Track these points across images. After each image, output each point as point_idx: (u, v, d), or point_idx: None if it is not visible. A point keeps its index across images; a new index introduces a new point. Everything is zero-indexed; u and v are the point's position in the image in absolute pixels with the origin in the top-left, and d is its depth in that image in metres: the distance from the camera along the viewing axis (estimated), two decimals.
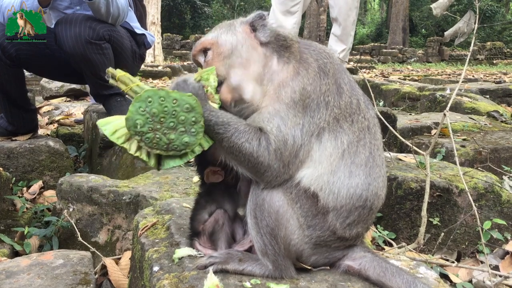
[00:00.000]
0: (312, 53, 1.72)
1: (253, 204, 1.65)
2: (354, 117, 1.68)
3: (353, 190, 1.63)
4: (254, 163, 1.58)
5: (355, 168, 1.65)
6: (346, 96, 1.68)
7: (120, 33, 3.77)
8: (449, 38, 3.04)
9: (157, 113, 1.52)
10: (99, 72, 3.66)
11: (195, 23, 36.05)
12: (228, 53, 1.69)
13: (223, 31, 1.74)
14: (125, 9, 3.72)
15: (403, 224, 2.93)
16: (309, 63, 1.67)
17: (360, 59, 25.36)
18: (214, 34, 1.75)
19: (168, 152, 1.58)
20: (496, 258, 2.75)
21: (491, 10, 36.11)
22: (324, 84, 1.65)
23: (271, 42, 1.71)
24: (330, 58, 1.73)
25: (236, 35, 1.71)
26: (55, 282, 2.00)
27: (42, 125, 5.23)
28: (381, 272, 1.66)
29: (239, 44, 1.69)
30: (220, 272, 1.64)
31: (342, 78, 1.72)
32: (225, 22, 1.82)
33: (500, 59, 29.54)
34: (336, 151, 1.63)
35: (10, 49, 3.55)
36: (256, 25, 1.72)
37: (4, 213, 3.25)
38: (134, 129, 1.53)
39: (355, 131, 1.67)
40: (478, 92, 7.70)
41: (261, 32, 1.71)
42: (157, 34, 17.92)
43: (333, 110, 1.64)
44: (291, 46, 1.71)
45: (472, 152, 3.91)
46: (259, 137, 1.58)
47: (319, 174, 1.62)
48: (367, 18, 52.17)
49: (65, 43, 3.49)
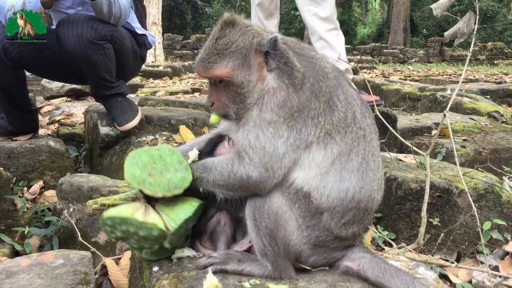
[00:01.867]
0: (309, 75, 1.71)
1: (252, 206, 1.67)
2: (348, 129, 1.71)
3: (343, 193, 1.67)
4: (236, 182, 1.67)
5: (346, 173, 1.68)
6: (340, 112, 1.71)
7: (121, 33, 3.77)
8: (449, 38, 3.04)
9: (148, 161, 1.72)
10: (101, 73, 3.66)
11: (196, 23, 36.04)
12: (241, 92, 1.71)
13: (238, 63, 1.68)
14: (127, 10, 3.72)
15: (403, 224, 2.93)
16: (303, 91, 1.68)
17: (361, 59, 25.34)
18: (229, 65, 1.68)
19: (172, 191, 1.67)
20: (496, 259, 2.75)
21: (492, 10, 36.06)
22: (313, 109, 1.67)
23: (278, 65, 1.70)
24: (327, 80, 1.72)
25: (251, 70, 1.70)
26: (55, 282, 2.00)
27: (43, 125, 5.22)
28: (380, 273, 1.67)
29: (253, 80, 1.70)
30: (219, 273, 1.65)
31: (338, 95, 1.73)
32: (237, 39, 1.69)
33: (501, 59, 29.50)
34: (326, 160, 1.67)
35: (12, 51, 3.55)
36: (270, 52, 1.68)
37: (4, 213, 3.26)
38: (135, 179, 1.69)
39: (348, 141, 1.71)
40: (478, 93, 7.70)
41: (274, 58, 1.68)
42: (158, 34, 17.90)
43: (324, 127, 1.68)
44: (295, 75, 1.69)
45: (472, 153, 3.91)
46: (231, 160, 1.68)
47: (310, 177, 1.66)
48: (368, 18, 52.14)
49: (66, 43, 3.49)
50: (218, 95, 1.74)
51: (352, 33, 41.09)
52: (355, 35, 41.96)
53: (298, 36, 32.38)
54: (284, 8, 35.09)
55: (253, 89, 1.69)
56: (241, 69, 1.68)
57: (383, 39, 38.91)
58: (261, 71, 1.70)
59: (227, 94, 1.72)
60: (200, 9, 36.66)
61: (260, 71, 1.70)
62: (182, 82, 11.71)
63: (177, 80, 12.71)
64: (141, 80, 11.62)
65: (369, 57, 28.19)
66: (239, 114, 1.73)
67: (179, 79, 12.91)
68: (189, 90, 8.78)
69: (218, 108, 1.76)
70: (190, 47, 27.34)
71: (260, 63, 1.70)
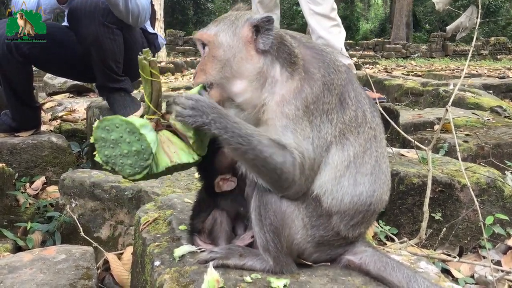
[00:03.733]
0: (320, 66, 1.66)
1: (258, 201, 1.64)
2: (360, 129, 1.67)
3: (357, 198, 1.64)
4: (278, 177, 1.56)
5: (361, 177, 1.65)
6: (350, 111, 1.66)
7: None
8: (451, 32, 3.03)
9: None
10: (108, 60, 3.67)
11: (198, 19, 35.99)
12: (221, 58, 1.65)
13: (225, 28, 1.68)
14: (146, 9, 3.69)
15: (405, 219, 2.93)
16: (315, 80, 1.62)
17: (363, 54, 25.26)
18: (214, 30, 1.70)
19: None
20: (498, 253, 2.75)
21: (495, 5, 35.90)
22: (327, 103, 1.62)
23: (272, 50, 1.65)
24: (338, 72, 1.67)
25: (235, 39, 1.66)
26: (57, 277, 2.01)
27: (45, 121, 5.23)
28: (382, 267, 1.66)
29: (235, 51, 1.64)
30: (220, 267, 1.65)
31: (348, 91, 1.68)
32: (233, 14, 1.74)
33: (504, 54, 29.38)
34: (342, 163, 1.63)
35: (23, 47, 3.56)
36: (260, 28, 1.64)
37: (7, 208, 3.27)
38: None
39: (361, 143, 1.67)
40: (481, 87, 7.68)
41: (263, 37, 1.64)
42: (160, 30, 17.86)
43: (337, 125, 1.63)
44: (296, 62, 1.64)
45: (475, 148, 3.90)
46: (283, 153, 1.54)
47: (323, 181, 1.62)
48: (370, 13, 51.96)
49: (79, 23, 3.51)
50: (202, 64, 1.70)
51: (355, 28, 41.02)
52: (357, 30, 41.88)
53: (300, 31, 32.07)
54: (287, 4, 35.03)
55: (236, 61, 1.64)
56: (224, 34, 1.66)
57: (385, 34, 38.80)
58: (247, 46, 1.65)
59: (210, 60, 1.67)
60: (202, 5, 36.64)
61: (246, 45, 1.65)
62: (184, 78, 11.73)
63: (179, 76, 12.72)
64: None
65: (372, 53, 28.06)
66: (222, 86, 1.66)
67: (181, 75, 12.92)
68: (191, 86, 8.75)
69: (199, 76, 1.70)
70: (192, 43, 27.28)
71: (247, 37, 1.65)
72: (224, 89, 1.67)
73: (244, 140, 1.51)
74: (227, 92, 1.67)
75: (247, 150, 1.52)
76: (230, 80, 1.65)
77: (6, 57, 3.56)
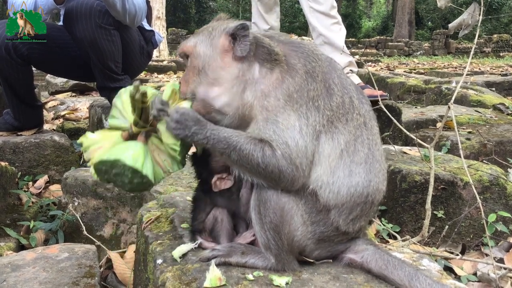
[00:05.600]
0: (299, 57, 1.69)
1: (257, 200, 1.65)
2: (348, 116, 1.67)
3: (353, 189, 1.64)
4: (265, 172, 1.58)
5: (355, 167, 1.65)
6: (337, 97, 1.67)
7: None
8: (453, 30, 3.02)
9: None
10: (107, 61, 3.67)
11: (200, 18, 36.03)
12: (200, 68, 1.69)
13: (203, 39, 1.72)
14: (142, 8, 3.71)
15: (407, 217, 2.93)
16: (296, 70, 1.65)
17: (366, 52, 25.25)
18: (193, 41, 1.74)
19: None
20: (501, 251, 2.74)
21: (497, 2, 35.82)
22: (312, 90, 1.63)
23: (249, 54, 1.67)
24: (318, 61, 1.70)
25: (212, 49, 1.69)
26: (60, 275, 2.02)
27: (48, 120, 5.25)
28: (383, 265, 1.66)
29: (211, 60, 1.68)
30: (222, 265, 1.65)
31: (332, 78, 1.70)
32: (212, 25, 1.79)
33: (507, 51, 29.32)
34: (334, 152, 1.63)
35: (21, 48, 3.57)
36: (237, 36, 1.66)
37: (10, 207, 3.28)
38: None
39: (351, 130, 1.67)
40: (484, 85, 7.66)
41: (240, 45, 1.66)
42: (162, 29, 17.89)
43: (325, 113, 1.63)
44: (277, 59, 1.66)
45: (477, 145, 3.89)
46: (261, 146, 1.57)
47: (318, 174, 1.63)
48: (373, 11, 51.91)
49: (75, 25, 3.51)
50: (186, 75, 1.75)
51: (357, 26, 40.96)
52: (359, 28, 41.80)
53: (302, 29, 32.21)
54: (288, 2, 34.98)
55: (211, 70, 1.67)
56: (201, 45, 1.71)
57: (388, 32, 38.78)
58: (224, 54, 1.68)
59: (191, 70, 1.72)
60: (204, 3, 36.65)
61: (222, 54, 1.68)
62: None
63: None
64: (146, 74, 11.66)
65: (374, 50, 28.08)
66: (203, 95, 1.68)
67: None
68: None
69: (182, 86, 1.75)
70: None
71: (224, 46, 1.68)
72: (206, 99, 1.69)
73: (225, 144, 1.58)
74: (208, 101, 1.69)
75: (230, 152, 1.58)
76: (209, 89, 1.68)
77: (5, 59, 3.56)
